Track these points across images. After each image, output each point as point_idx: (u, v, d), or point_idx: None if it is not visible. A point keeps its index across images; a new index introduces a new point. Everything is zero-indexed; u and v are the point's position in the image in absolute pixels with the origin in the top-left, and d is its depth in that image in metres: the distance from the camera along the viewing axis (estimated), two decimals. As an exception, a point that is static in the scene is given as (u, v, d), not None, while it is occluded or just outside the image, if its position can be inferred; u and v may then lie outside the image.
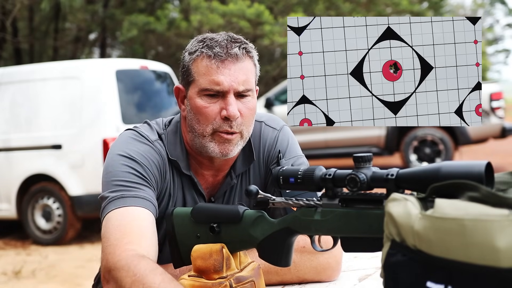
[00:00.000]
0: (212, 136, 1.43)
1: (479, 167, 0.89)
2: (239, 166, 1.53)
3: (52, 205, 6.32)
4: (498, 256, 0.74)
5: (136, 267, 1.21)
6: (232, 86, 1.40)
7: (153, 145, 1.47)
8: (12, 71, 6.92)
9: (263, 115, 1.61)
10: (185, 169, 1.50)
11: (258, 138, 1.56)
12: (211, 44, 1.41)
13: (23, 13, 14.71)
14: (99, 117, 6.03)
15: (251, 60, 1.45)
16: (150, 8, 14.96)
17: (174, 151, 1.49)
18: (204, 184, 1.54)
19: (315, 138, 9.25)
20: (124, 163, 1.41)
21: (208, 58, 1.40)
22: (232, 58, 1.40)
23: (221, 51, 1.40)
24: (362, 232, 1.08)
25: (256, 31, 12.45)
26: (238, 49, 1.41)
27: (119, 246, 1.26)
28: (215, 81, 1.39)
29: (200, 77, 1.41)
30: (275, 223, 1.24)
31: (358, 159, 1.07)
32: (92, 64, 7.11)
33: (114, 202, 1.35)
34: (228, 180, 1.54)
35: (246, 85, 1.42)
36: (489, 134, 8.92)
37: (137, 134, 1.48)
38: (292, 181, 1.16)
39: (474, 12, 29.75)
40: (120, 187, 1.37)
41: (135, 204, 1.34)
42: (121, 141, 1.47)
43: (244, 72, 1.41)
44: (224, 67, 1.39)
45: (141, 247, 1.28)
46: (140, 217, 1.33)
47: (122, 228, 1.30)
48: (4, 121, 6.50)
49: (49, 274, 5.24)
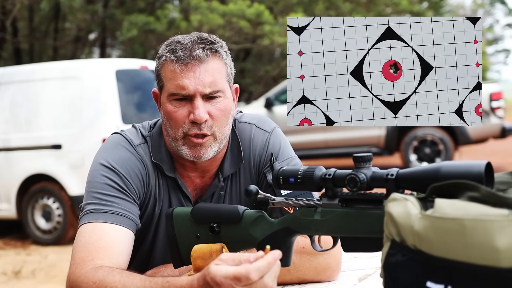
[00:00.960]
0: (184, 140, 1.42)
1: (479, 167, 0.89)
2: (227, 168, 1.52)
3: (52, 205, 6.32)
4: (498, 256, 0.74)
5: (94, 276, 1.24)
6: (197, 90, 1.38)
7: (136, 150, 1.47)
8: (12, 71, 6.92)
9: (254, 117, 1.59)
10: (168, 171, 1.49)
11: (249, 141, 1.54)
12: (175, 48, 1.40)
13: (23, 13, 14.71)
14: (99, 117, 6.02)
15: (219, 60, 1.43)
16: (150, 8, 14.96)
17: (158, 153, 1.49)
18: (191, 186, 1.53)
19: (315, 138, 9.25)
20: (104, 174, 1.41)
21: (172, 62, 1.40)
22: (195, 60, 1.38)
23: (184, 54, 1.38)
24: (362, 232, 1.08)
25: (256, 31, 12.45)
26: (202, 50, 1.39)
27: (81, 265, 1.29)
28: (180, 85, 1.39)
29: (167, 82, 1.42)
30: (275, 223, 1.24)
31: (358, 159, 1.07)
32: (92, 64, 7.11)
33: (88, 216, 1.37)
34: (216, 182, 1.53)
35: (213, 86, 1.40)
36: (489, 134, 8.92)
37: (122, 139, 1.49)
38: (292, 181, 1.16)
39: (474, 12, 29.75)
40: (97, 199, 1.38)
41: (107, 221, 1.35)
42: (105, 147, 1.48)
43: (210, 74, 1.40)
44: (188, 70, 1.38)
45: (103, 263, 1.29)
46: (109, 234, 1.34)
47: (88, 246, 1.31)
48: (4, 121, 6.49)
49: (49, 274, 5.24)
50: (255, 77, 16.61)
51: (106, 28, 15.68)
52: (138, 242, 1.51)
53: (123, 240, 1.35)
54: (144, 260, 1.55)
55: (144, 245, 1.54)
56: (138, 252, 1.52)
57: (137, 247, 1.51)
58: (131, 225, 1.39)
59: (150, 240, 1.53)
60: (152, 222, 1.51)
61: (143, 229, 1.50)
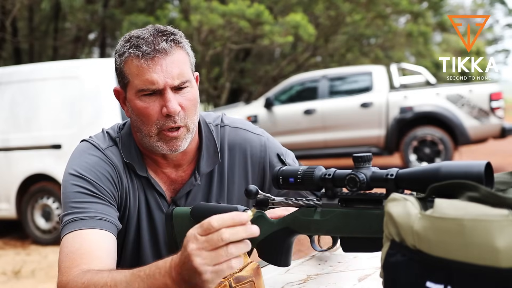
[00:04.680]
0: (158, 135, 1.42)
1: (479, 167, 0.89)
2: (203, 166, 1.52)
3: (52, 205, 6.32)
4: (497, 256, 0.74)
5: (82, 278, 1.24)
6: (167, 83, 1.37)
7: (104, 153, 1.46)
8: (12, 71, 6.92)
9: (243, 122, 1.61)
10: (140, 171, 1.49)
11: (244, 144, 1.56)
12: (138, 43, 1.37)
13: (23, 13, 14.70)
14: (99, 117, 6.02)
15: (182, 50, 1.41)
16: (150, 8, 14.95)
17: (129, 153, 1.49)
18: (166, 182, 1.53)
19: (315, 138, 9.26)
20: (74, 183, 1.41)
21: (137, 58, 1.37)
22: (161, 54, 1.37)
23: (149, 48, 1.36)
24: (361, 232, 1.09)
25: (256, 31, 12.44)
26: (166, 42, 1.37)
27: (68, 272, 1.29)
28: (149, 80, 1.37)
29: (134, 79, 1.39)
30: (274, 223, 1.24)
31: (358, 159, 1.07)
32: (92, 64, 7.10)
33: (67, 226, 1.36)
34: (192, 180, 1.52)
35: (181, 77, 1.39)
36: (488, 134, 8.92)
37: (89, 145, 1.48)
38: (292, 181, 1.16)
39: (474, 12, 29.74)
40: (72, 208, 1.38)
41: (86, 227, 1.35)
42: (73, 156, 1.48)
43: (176, 65, 1.38)
44: (155, 64, 1.36)
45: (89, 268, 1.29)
46: (90, 239, 1.33)
47: (71, 255, 1.31)
48: (4, 121, 6.49)
49: (49, 274, 5.24)
50: (255, 77, 16.61)
51: (106, 28, 15.68)
52: (122, 243, 1.51)
53: (105, 242, 1.35)
54: (132, 263, 1.52)
55: (128, 247, 1.53)
56: (122, 253, 1.52)
57: (121, 248, 1.51)
58: (110, 227, 1.38)
59: (134, 242, 1.52)
60: (132, 223, 1.51)
61: (126, 230, 1.50)
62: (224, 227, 1.00)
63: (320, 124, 9.24)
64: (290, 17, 12.40)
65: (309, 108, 9.31)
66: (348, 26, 15.15)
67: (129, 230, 1.51)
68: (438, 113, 8.76)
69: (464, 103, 8.72)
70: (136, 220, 1.51)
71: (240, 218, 1.01)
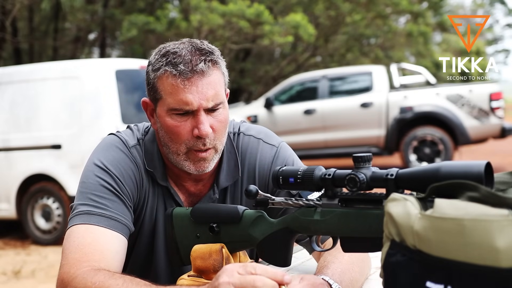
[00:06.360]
0: (187, 154, 1.39)
1: (479, 167, 0.89)
2: (222, 180, 1.50)
3: (52, 205, 6.32)
4: (497, 256, 0.74)
5: (93, 278, 1.21)
6: (201, 105, 1.34)
7: (130, 152, 1.45)
8: (12, 71, 6.91)
9: (261, 131, 1.56)
10: (161, 180, 1.47)
11: (255, 155, 1.51)
12: (175, 61, 1.34)
13: (23, 13, 14.70)
14: (99, 117, 6.02)
15: (218, 70, 1.38)
16: (150, 8, 14.95)
17: (151, 161, 1.47)
18: (185, 193, 1.51)
19: (315, 138, 9.26)
20: (97, 174, 1.39)
21: (173, 77, 1.33)
22: (198, 74, 1.33)
23: (186, 68, 1.33)
24: (361, 232, 1.09)
25: (256, 31, 12.43)
26: (204, 63, 1.34)
27: (76, 265, 1.26)
28: (183, 100, 1.34)
29: (167, 96, 1.36)
30: (274, 223, 1.24)
31: (358, 159, 1.07)
32: (92, 64, 7.09)
33: (80, 217, 1.34)
34: (210, 193, 1.50)
35: (215, 99, 1.36)
36: (488, 134, 8.92)
37: (117, 139, 1.47)
38: (292, 181, 1.16)
39: (474, 12, 29.74)
40: (90, 200, 1.36)
41: (100, 224, 1.33)
42: (100, 148, 1.46)
43: (212, 87, 1.35)
44: (191, 84, 1.33)
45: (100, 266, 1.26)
46: (103, 238, 1.31)
47: (82, 248, 1.29)
48: (4, 121, 6.49)
49: (49, 274, 5.24)
50: (255, 77, 16.60)
51: (106, 28, 15.67)
52: (133, 245, 1.49)
53: (117, 244, 1.33)
54: (144, 268, 1.51)
55: (141, 251, 1.50)
56: (133, 257, 1.50)
57: (131, 251, 1.49)
58: (124, 229, 1.36)
59: (147, 247, 1.50)
60: (147, 228, 1.48)
61: (139, 233, 1.48)
62: (263, 276, 1.00)
63: (320, 124, 9.25)
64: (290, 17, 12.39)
65: (309, 108, 9.32)
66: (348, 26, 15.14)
67: (142, 234, 1.49)
68: (438, 113, 8.76)
69: (464, 103, 8.72)
70: (152, 225, 1.49)
71: (281, 278, 1.01)
